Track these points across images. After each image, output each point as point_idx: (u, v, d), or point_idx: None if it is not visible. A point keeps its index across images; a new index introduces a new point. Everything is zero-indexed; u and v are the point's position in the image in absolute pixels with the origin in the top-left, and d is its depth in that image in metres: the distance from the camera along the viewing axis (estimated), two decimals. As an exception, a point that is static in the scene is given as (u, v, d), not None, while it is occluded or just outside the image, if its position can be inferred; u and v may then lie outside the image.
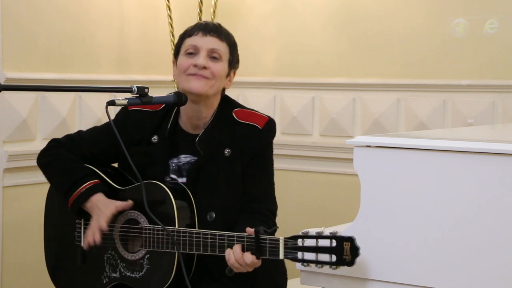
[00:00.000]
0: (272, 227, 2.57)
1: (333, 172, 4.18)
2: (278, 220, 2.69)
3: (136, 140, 2.69)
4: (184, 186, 2.62)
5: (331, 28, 4.20)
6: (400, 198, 2.27)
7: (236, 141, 2.64)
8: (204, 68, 2.59)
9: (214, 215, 2.59)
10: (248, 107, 2.78)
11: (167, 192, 2.54)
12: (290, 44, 4.33)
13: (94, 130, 2.79)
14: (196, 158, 2.65)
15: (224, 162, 2.62)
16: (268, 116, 2.71)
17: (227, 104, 2.71)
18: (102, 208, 2.57)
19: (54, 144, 2.76)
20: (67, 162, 2.69)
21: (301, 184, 4.28)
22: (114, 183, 2.68)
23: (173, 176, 2.67)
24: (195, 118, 2.67)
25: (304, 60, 4.28)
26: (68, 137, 2.78)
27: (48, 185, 2.82)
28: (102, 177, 2.70)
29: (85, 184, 2.61)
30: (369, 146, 2.33)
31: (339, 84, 4.18)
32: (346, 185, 4.07)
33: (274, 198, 2.71)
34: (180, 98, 2.56)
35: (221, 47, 2.63)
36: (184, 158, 2.67)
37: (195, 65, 2.59)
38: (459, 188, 2.19)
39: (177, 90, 3.91)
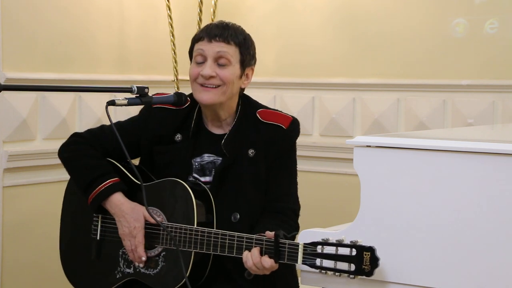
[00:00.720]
0: (293, 227, 2.57)
1: (333, 172, 4.18)
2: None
3: (158, 138, 2.68)
4: (206, 187, 2.61)
5: (331, 28, 4.20)
6: (400, 198, 2.27)
7: (261, 141, 2.63)
8: (212, 77, 2.58)
9: (238, 216, 2.59)
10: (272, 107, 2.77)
11: (188, 191, 2.53)
12: (290, 44, 4.33)
13: (117, 125, 2.77)
14: (219, 158, 2.64)
15: (248, 162, 2.62)
16: (292, 116, 2.70)
17: (249, 104, 2.71)
18: (132, 223, 2.55)
19: (76, 139, 2.74)
20: (88, 158, 2.68)
21: (301, 184, 4.25)
22: (135, 178, 2.66)
23: (195, 175, 2.66)
24: (216, 120, 2.67)
25: (304, 60, 4.28)
26: (90, 131, 2.77)
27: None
28: (123, 171, 2.69)
29: (105, 182, 2.60)
30: (369, 146, 2.33)
31: (339, 84, 4.18)
32: (346, 185, 4.06)
33: (297, 197, 2.71)
34: (180, 98, 2.56)
35: (229, 51, 2.60)
36: (208, 158, 2.66)
37: (202, 75, 2.59)
38: (459, 188, 2.19)
39: (177, 90, 3.93)
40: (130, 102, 2.46)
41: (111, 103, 2.40)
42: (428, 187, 2.23)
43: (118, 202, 2.59)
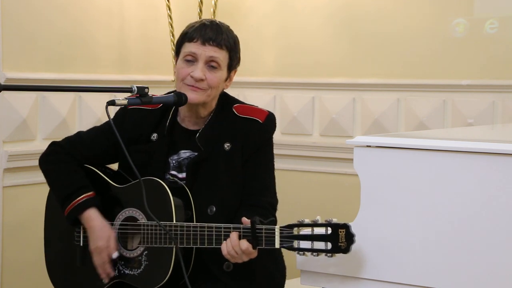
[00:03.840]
0: (271, 220, 2.58)
1: (333, 172, 4.18)
2: (278, 219, 2.69)
3: (135, 138, 2.70)
4: (183, 184, 2.63)
5: (331, 28, 4.20)
6: (400, 198, 2.27)
7: (237, 135, 2.65)
8: (201, 80, 2.59)
9: (214, 209, 2.60)
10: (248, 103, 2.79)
11: (165, 189, 2.55)
12: (290, 44, 4.33)
13: (94, 130, 2.80)
14: (195, 153, 2.66)
15: (224, 156, 2.63)
16: (268, 111, 2.72)
17: (226, 100, 2.72)
18: (97, 241, 2.60)
19: (54, 148, 2.76)
20: (64, 172, 2.71)
21: (301, 184, 4.28)
22: (114, 182, 2.69)
23: (173, 172, 2.67)
24: (193, 117, 2.69)
25: (304, 60, 4.28)
26: (68, 139, 2.78)
27: (48, 186, 2.82)
28: (102, 177, 2.71)
29: (79, 198, 2.64)
30: (369, 146, 2.33)
31: (339, 84, 4.17)
32: (346, 185, 4.06)
33: (275, 192, 2.71)
34: (180, 98, 2.57)
35: (220, 55, 2.61)
36: (184, 154, 2.68)
37: (192, 77, 2.60)
38: (459, 188, 2.19)
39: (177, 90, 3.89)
40: (130, 102, 2.47)
41: (111, 103, 2.41)
42: (428, 187, 2.23)
43: (89, 219, 2.63)
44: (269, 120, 2.70)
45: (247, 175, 2.65)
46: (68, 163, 2.71)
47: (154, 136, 2.69)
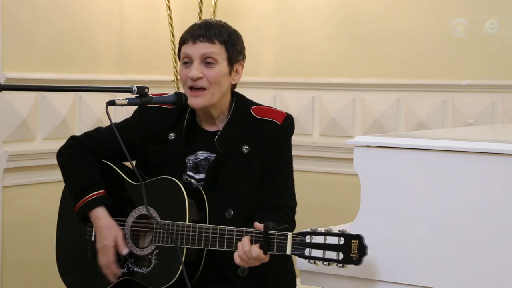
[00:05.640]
0: (289, 223, 2.57)
1: (333, 172, 4.18)
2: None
3: (152, 137, 2.70)
4: (199, 187, 2.62)
5: (331, 28, 4.20)
6: (400, 198, 2.27)
7: (255, 137, 2.64)
8: (200, 78, 2.59)
9: (232, 212, 2.59)
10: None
11: (181, 188, 2.54)
12: (290, 44, 4.33)
13: (112, 127, 2.79)
14: (213, 155, 2.65)
15: (242, 159, 2.63)
16: (286, 112, 2.72)
17: (243, 101, 2.72)
18: (103, 241, 2.60)
19: (73, 142, 2.76)
20: (79, 166, 2.70)
21: (301, 184, 4.25)
22: (131, 179, 2.69)
23: (190, 173, 2.67)
24: (209, 118, 2.68)
25: (304, 60, 4.28)
26: (87, 134, 2.79)
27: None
28: (119, 173, 2.71)
29: (88, 196, 2.63)
30: (369, 146, 2.33)
31: (339, 84, 4.18)
32: (346, 185, 4.07)
33: (293, 194, 2.70)
34: (180, 98, 2.57)
35: (214, 50, 2.60)
36: (201, 155, 2.67)
37: (190, 77, 2.60)
38: (459, 188, 2.19)
39: (177, 90, 3.93)
40: (130, 102, 2.46)
41: (111, 103, 2.41)
42: (428, 187, 2.23)
43: (96, 217, 2.63)
44: (287, 122, 2.69)
45: (265, 177, 2.64)
46: (84, 158, 2.71)
47: (172, 135, 2.69)
